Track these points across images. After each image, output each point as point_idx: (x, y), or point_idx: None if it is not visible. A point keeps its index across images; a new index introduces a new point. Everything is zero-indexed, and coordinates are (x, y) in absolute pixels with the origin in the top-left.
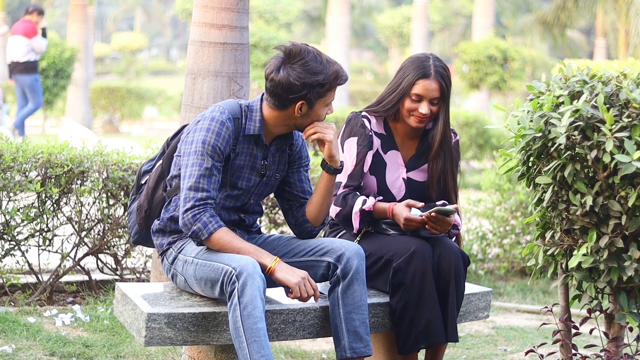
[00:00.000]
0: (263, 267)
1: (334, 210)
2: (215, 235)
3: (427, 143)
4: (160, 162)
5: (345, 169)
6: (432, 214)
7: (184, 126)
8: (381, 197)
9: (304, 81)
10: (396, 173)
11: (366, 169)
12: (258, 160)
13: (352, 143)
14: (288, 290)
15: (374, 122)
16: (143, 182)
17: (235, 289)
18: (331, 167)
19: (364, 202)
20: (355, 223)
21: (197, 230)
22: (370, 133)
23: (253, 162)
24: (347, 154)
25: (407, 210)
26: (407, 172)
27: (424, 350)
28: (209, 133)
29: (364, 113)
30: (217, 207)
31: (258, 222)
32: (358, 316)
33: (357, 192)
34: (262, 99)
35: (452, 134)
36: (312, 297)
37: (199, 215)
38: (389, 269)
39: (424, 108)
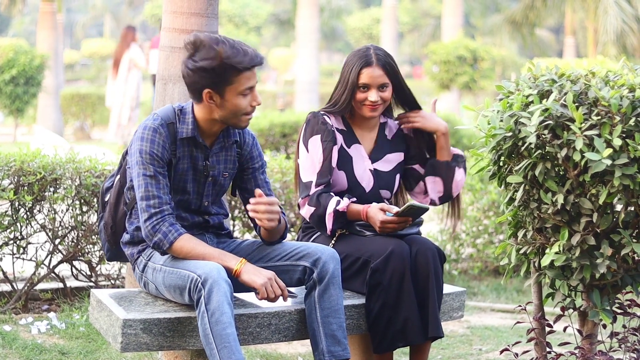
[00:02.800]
0: (229, 271)
1: (307, 211)
2: (177, 244)
3: (385, 137)
4: (119, 177)
5: (313, 167)
6: (405, 209)
7: None
8: (355, 199)
9: (195, 66)
10: (362, 165)
11: (334, 164)
12: (199, 162)
13: (315, 141)
14: (256, 292)
15: (334, 119)
16: (107, 199)
17: (202, 297)
18: (265, 240)
19: (338, 202)
20: (329, 224)
21: (158, 241)
22: (332, 129)
23: (195, 164)
24: (313, 152)
25: (382, 214)
26: (372, 163)
27: (408, 351)
28: (143, 142)
29: (322, 112)
30: (176, 211)
31: (226, 224)
32: (335, 320)
33: (332, 193)
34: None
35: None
36: (281, 297)
37: (158, 225)
38: (366, 270)
39: (372, 96)
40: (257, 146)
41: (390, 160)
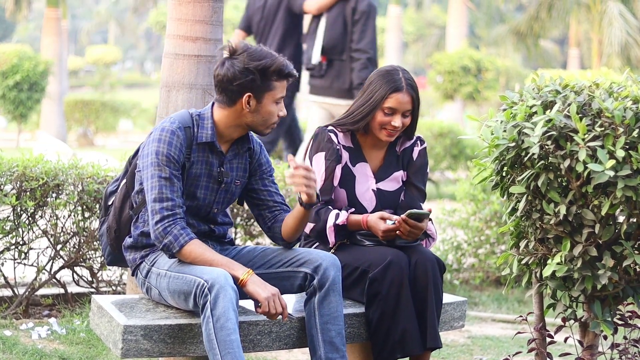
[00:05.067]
0: (235, 279)
1: (307, 226)
2: (186, 247)
3: (394, 152)
4: (125, 181)
5: None
6: (407, 217)
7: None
8: (353, 210)
9: (246, 66)
10: (365, 185)
11: (336, 182)
12: (214, 167)
13: (319, 158)
14: (257, 305)
15: (341, 136)
16: (110, 203)
17: (208, 302)
18: (307, 204)
19: (337, 216)
20: (331, 238)
21: (168, 243)
22: (338, 147)
23: (209, 170)
24: (316, 169)
25: (383, 222)
26: (376, 182)
27: None
28: (160, 143)
29: (330, 128)
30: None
31: (230, 233)
32: (334, 327)
33: (330, 207)
34: (212, 106)
35: (419, 142)
36: (280, 316)
37: (170, 228)
38: (365, 280)
39: (397, 121)
40: (264, 153)
41: (397, 178)
